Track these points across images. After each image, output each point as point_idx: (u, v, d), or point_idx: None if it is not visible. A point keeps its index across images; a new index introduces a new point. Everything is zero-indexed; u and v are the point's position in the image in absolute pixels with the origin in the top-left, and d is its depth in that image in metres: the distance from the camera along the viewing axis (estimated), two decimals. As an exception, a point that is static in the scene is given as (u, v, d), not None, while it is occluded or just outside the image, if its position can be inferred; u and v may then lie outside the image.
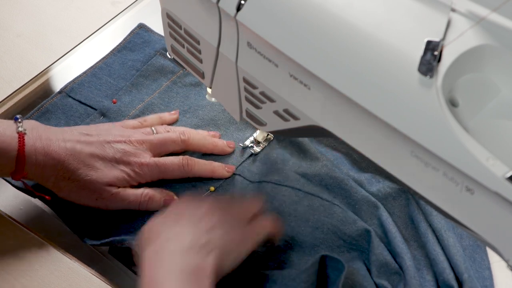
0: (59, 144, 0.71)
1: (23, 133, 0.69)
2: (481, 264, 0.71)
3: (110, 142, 0.74)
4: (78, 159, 0.71)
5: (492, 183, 0.44)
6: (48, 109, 0.85)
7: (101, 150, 0.73)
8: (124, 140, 0.75)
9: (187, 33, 0.66)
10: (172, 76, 0.90)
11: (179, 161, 0.77)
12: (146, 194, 0.74)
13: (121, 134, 0.76)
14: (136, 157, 0.74)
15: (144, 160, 0.75)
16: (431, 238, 0.71)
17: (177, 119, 0.85)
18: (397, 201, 0.76)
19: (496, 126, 0.48)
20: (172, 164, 0.76)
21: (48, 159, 0.69)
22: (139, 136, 0.76)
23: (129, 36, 0.94)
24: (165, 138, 0.78)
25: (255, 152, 0.82)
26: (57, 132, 0.72)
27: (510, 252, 0.48)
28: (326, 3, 0.51)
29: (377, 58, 0.49)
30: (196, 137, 0.80)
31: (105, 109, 0.85)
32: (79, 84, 0.88)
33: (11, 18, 0.96)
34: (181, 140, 0.78)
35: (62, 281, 0.70)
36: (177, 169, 0.76)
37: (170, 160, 0.76)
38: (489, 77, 0.49)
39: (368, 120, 0.50)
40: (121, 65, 0.91)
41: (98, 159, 0.72)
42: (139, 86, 0.89)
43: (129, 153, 0.74)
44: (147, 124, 0.81)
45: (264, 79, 0.60)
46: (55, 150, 0.70)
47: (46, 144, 0.70)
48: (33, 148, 0.69)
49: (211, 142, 0.81)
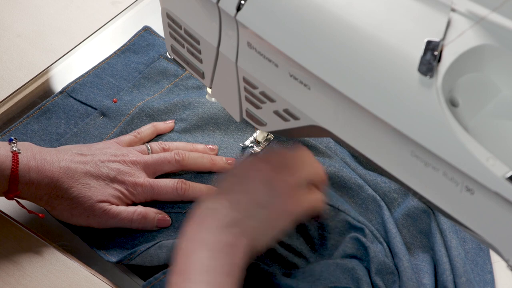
0: (53, 163, 0.70)
1: (17, 153, 0.69)
2: (483, 268, 0.71)
3: (105, 162, 0.74)
4: (72, 178, 0.71)
5: (492, 183, 0.44)
6: (49, 109, 0.85)
7: (96, 169, 0.73)
8: (119, 160, 0.75)
9: (187, 33, 0.66)
10: (175, 79, 0.90)
11: (173, 185, 0.75)
12: (139, 212, 0.73)
13: (115, 154, 0.75)
14: (131, 177, 0.74)
15: (138, 180, 0.74)
16: (439, 239, 0.71)
17: (172, 128, 0.84)
18: (410, 199, 0.76)
19: (496, 126, 0.48)
20: (166, 187, 0.75)
21: (42, 178, 0.69)
22: (134, 157, 0.76)
23: (134, 38, 0.94)
24: (160, 158, 0.77)
25: (255, 152, 0.82)
26: (52, 152, 0.72)
27: (510, 252, 0.48)
28: (326, 3, 0.51)
29: (377, 58, 0.49)
30: (192, 156, 0.78)
31: (105, 108, 0.85)
32: (81, 84, 0.88)
33: (11, 18, 0.96)
34: (175, 161, 0.77)
35: (62, 281, 0.70)
36: (170, 192, 0.75)
37: (164, 183, 0.75)
38: (489, 77, 0.49)
39: (368, 120, 0.50)
40: (124, 67, 0.91)
41: (92, 178, 0.72)
42: (141, 87, 0.89)
43: (124, 172, 0.74)
44: (142, 137, 0.80)
45: (264, 79, 0.60)
46: (49, 169, 0.70)
47: (40, 163, 0.70)
48: (27, 167, 0.69)
49: (209, 160, 0.79)
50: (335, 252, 0.72)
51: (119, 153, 0.75)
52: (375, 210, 0.75)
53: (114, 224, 0.73)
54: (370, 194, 0.76)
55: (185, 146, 0.80)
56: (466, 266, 0.70)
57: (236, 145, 0.83)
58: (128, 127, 0.84)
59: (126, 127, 0.84)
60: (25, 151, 0.70)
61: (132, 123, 0.84)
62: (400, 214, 0.75)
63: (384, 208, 0.75)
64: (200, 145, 0.81)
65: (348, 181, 0.77)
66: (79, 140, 0.83)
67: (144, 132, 0.81)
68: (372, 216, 0.75)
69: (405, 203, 0.76)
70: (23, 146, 0.70)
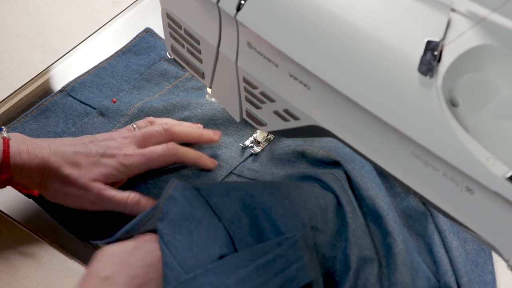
0: (43, 146, 0.71)
1: (8, 138, 0.69)
2: (484, 269, 0.71)
3: (93, 141, 0.74)
4: (62, 157, 0.71)
5: (492, 183, 0.44)
6: (48, 107, 0.85)
7: (85, 148, 0.73)
8: (107, 138, 0.75)
9: (187, 33, 0.66)
10: (175, 81, 0.90)
11: (164, 146, 0.76)
12: (133, 197, 0.73)
13: (104, 135, 0.76)
14: (121, 150, 0.74)
15: (129, 151, 0.75)
16: (437, 240, 0.71)
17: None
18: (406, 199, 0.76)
19: (496, 126, 0.48)
20: (157, 151, 0.76)
21: (32, 159, 0.69)
22: (122, 134, 0.77)
23: (135, 40, 0.94)
24: (148, 130, 0.77)
25: (255, 152, 0.82)
26: (42, 140, 0.73)
27: (510, 252, 0.48)
28: (326, 3, 0.51)
29: (377, 58, 0.49)
30: (180, 126, 0.79)
31: (104, 108, 0.85)
32: (81, 83, 0.88)
33: (11, 18, 0.96)
34: (164, 130, 0.78)
35: (62, 281, 0.70)
36: (162, 154, 0.76)
37: (154, 149, 0.76)
38: (489, 77, 0.49)
39: (368, 120, 0.50)
40: (124, 68, 0.91)
41: (82, 156, 0.72)
42: (141, 88, 0.89)
43: (113, 147, 0.74)
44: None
45: (264, 79, 0.60)
46: (39, 151, 0.70)
47: (31, 147, 0.70)
48: (18, 150, 0.69)
49: (196, 130, 0.80)
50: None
51: (106, 135, 0.76)
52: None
53: (107, 207, 0.73)
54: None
55: (171, 120, 0.81)
56: (467, 266, 0.69)
57: (236, 145, 0.83)
58: None
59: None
60: (15, 137, 0.70)
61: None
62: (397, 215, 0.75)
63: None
64: (186, 123, 0.82)
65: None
66: None
67: (139, 124, 0.81)
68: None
69: (402, 204, 0.76)
70: (13, 134, 0.71)
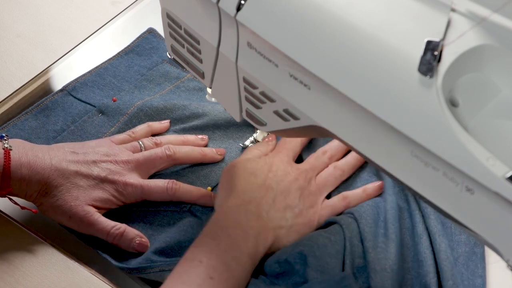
0: (45, 160, 0.71)
1: (9, 149, 0.69)
2: (474, 272, 0.70)
3: (96, 162, 0.74)
4: (62, 176, 0.71)
5: (492, 183, 0.44)
6: (48, 106, 0.85)
7: (86, 169, 0.73)
8: (110, 160, 0.75)
9: (187, 33, 0.66)
10: (176, 81, 0.90)
11: (164, 185, 0.75)
12: (119, 227, 0.72)
13: (107, 153, 0.75)
14: (122, 176, 0.74)
15: (129, 180, 0.74)
16: (425, 240, 0.71)
17: (167, 128, 0.84)
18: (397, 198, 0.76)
19: (496, 126, 0.48)
20: (157, 187, 0.75)
21: (33, 174, 0.69)
22: (125, 156, 0.76)
23: (138, 40, 0.94)
24: (151, 155, 0.77)
25: None
26: (44, 149, 0.72)
27: (510, 252, 0.48)
28: (326, 3, 0.51)
29: (377, 58, 0.49)
30: (183, 150, 0.79)
31: (104, 107, 0.85)
32: (82, 83, 0.88)
33: (11, 18, 0.96)
34: (166, 156, 0.77)
35: (62, 281, 0.70)
36: (161, 192, 0.75)
37: (155, 183, 0.75)
38: (489, 77, 0.49)
39: (368, 120, 0.50)
40: (126, 68, 0.91)
41: (82, 177, 0.72)
42: (142, 88, 0.89)
43: (114, 172, 0.74)
44: (136, 136, 0.81)
45: (264, 79, 0.60)
46: (40, 166, 0.70)
47: (32, 160, 0.70)
48: (19, 163, 0.69)
49: (199, 152, 0.80)
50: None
51: (111, 153, 0.76)
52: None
53: (91, 232, 0.72)
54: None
55: (176, 139, 0.81)
56: (454, 270, 0.69)
57: (236, 145, 0.83)
58: (126, 126, 0.83)
59: (124, 126, 0.83)
60: (16, 148, 0.70)
61: (130, 122, 0.84)
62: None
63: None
64: (191, 136, 0.82)
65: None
66: (76, 138, 0.82)
67: (139, 132, 0.81)
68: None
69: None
70: (14, 143, 0.70)
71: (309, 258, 0.68)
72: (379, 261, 0.68)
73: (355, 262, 0.69)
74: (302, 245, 0.69)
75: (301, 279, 0.68)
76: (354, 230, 0.71)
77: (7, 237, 0.73)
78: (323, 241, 0.69)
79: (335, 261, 0.68)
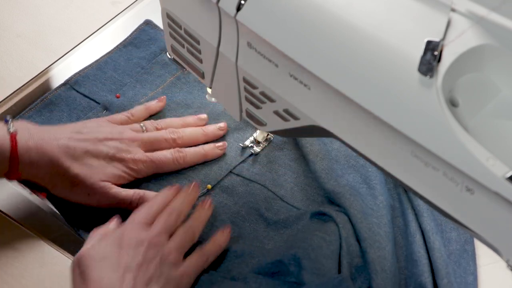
0: (52, 142, 0.71)
1: (15, 133, 0.69)
2: (466, 269, 0.70)
3: (103, 140, 0.74)
4: (72, 156, 0.71)
5: (492, 183, 0.44)
6: (52, 101, 0.86)
7: (94, 148, 0.73)
8: (116, 138, 0.75)
9: (187, 33, 0.66)
10: (177, 72, 0.90)
11: (172, 155, 0.77)
12: (138, 193, 0.74)
13: (111, 132, 0.76)
14: (129, 154, 0.75)
15: (138, 156, 0.75)
16: (419, 239, 0.71)
17: (163, 106, 0.85)
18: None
19: (496, 126, 0.48)
20: (166, 158, 0.77)
21: (41, 156, 0.70)
22: (130, 134, 0.77)
23: (135, 32, 0.94)
24: (157, 137, 0.78)
25: (255, 152, 0.82)
26: (49, 131, 0.72)
27: (510, 252, 0.48)
28: (326, 3, 0.51)
29: (377, 58, 0.49)
30: (186, 133, 0.80)
31: (108, 103, 0.85)
32: (84, 77, 0.89)
33: (11, 18, 0.96)
34: (172, 139, 0.79)
35: (61, 281, 0.70)
36: (171, 162, 0.77)
37: (163, 155, 0.77)
38: (489, 77, 0.49)
39: (368, 120, 0.50)
40: (126, 61, 0.91)
41: (92, 157, 0.73)
42: (144, 82, 0.89)
43: (122, 150, 0.75)
44: (135, 118, 0.81)
45: (264, 79, 0.60)
46: (48, 148, 0.70)
47: (39, 143, 0.70)
48: (26, 146, 0.69)
49: (201, 132, 0.81)
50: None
51: (114, 131, 0.76)
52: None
53: (113, 204, 0.73)
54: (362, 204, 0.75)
55: (176, 122, 0.82)
56: (448, 268, 0.69)
57: (236, 145, 0.83)
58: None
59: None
60: (22, 131, 0.70)
61: None
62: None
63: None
64: (190, 117, 0.83)
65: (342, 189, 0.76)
66: None
67: (137, 113, 0.82)
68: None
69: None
70: (19, 126, 0.70)
71: (303, 261, 0.67)
72: (379, 261, 0.68)
73: (353, 262, 0.69)
74: (296, 247, 0.69)
75: (296, 280, 0.68)
76: (350, 230, 0.71)
77: (6, 236, 0.73)
78: (318, 242, 0.69)
79: (331, 262, 0.68)
